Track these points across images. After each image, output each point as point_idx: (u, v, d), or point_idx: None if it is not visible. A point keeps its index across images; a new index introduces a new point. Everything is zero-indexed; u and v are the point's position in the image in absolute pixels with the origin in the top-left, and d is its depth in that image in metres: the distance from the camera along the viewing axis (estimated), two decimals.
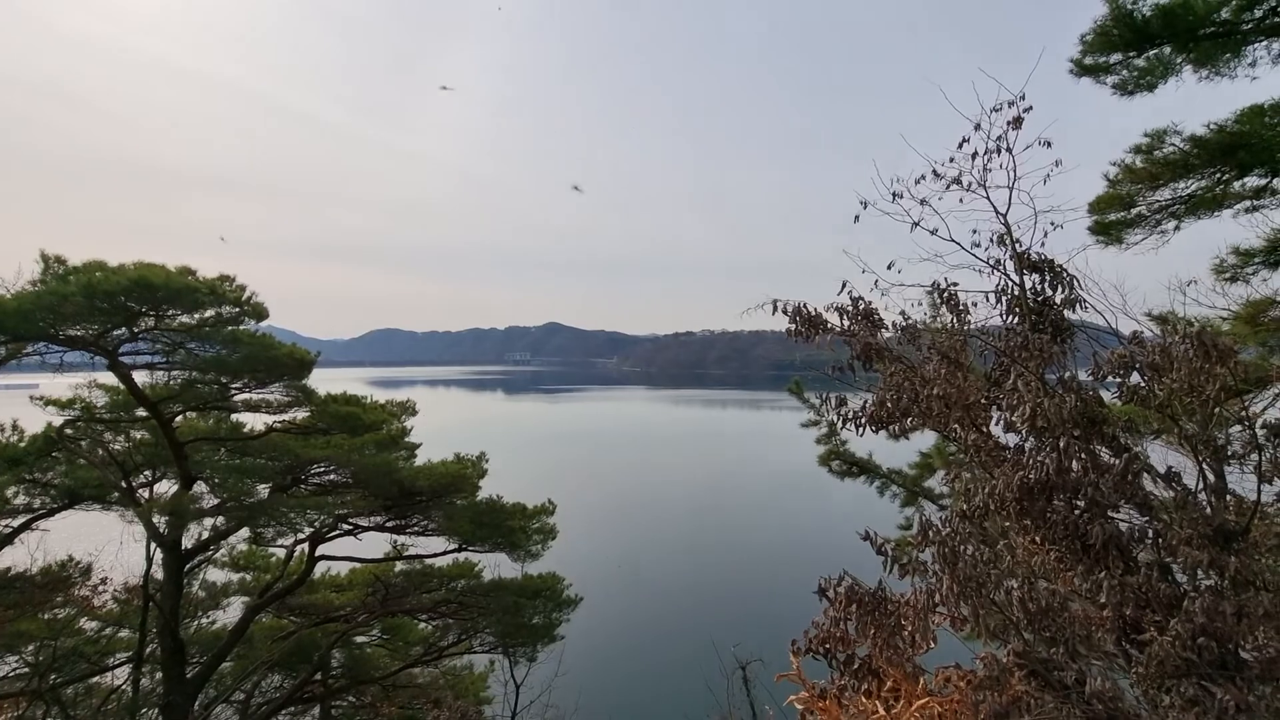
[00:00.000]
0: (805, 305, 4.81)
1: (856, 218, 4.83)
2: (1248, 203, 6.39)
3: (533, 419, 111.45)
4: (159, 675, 9.94)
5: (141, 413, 9.53)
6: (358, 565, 12.52)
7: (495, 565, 12.41)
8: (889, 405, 4.36)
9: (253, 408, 10.53)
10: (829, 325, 4.78)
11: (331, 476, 10.77)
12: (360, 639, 13.15)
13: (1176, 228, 6.71)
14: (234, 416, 10.90)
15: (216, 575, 12.64)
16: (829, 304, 4.81)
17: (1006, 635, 3.20)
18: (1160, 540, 3.68)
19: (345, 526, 11.23)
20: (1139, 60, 6.28)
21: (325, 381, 11.82)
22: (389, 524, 11.46)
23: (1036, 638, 3.88)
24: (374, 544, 12.09)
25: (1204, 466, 3.99)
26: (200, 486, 10.00)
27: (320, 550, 11.44)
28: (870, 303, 4.82)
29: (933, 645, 3.79)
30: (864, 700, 3.14)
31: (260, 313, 8.64)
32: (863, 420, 4.55)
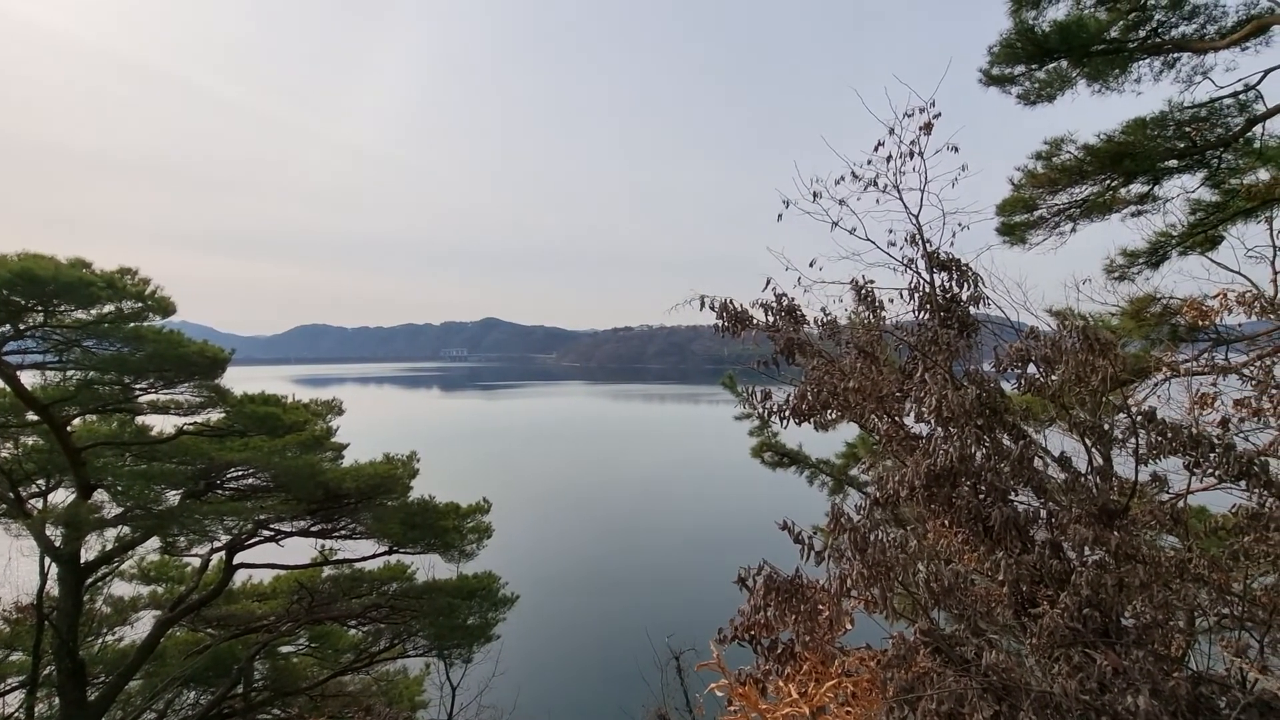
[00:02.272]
0: (732, 302, 4.92)
1: (779, 216, 4.96)
2: (1133, 208, 6.97)
3: (469, 416, 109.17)
4: (57, 701, 9.22)
5: (32, 416, 8.77)
6: (281, 572, 11.96)
7: (429, 567, 12.15)
8: (810, 398, 4.51)
9: (160, 409, 9.86)
10: (755, 321, 4.91)
11: (250, 480, 10.23)
12: (285, 649, 12.59)
13: (1073, 229, 7.25)
14: (139, 419, 10.17)
15: (123, 589, 11.82)
16: (755, 300, 4.95)
17: (914, 615, 3.37)
18: (1053, 520, 3.97)
19: (266, 532, 10.72)
20: (1040, 73, 6.72)
21: (245, 380, 11.23)
22: (314, 528, 11.01)
23: (945, 616, 4.12)
24: (298, 549, 11.59)
25: (1091, 451, 4.34)
26: (101, 495, 9.30)
27: (239, 558, 10.88)
28: (793, 299, 4.97)
29: (850, 627, 3.96)
30: (783, 685, 3.25)
31: (166, 308, 8.10)
32: (786, 413, 4.68)
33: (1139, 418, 3.78)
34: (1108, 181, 6.69)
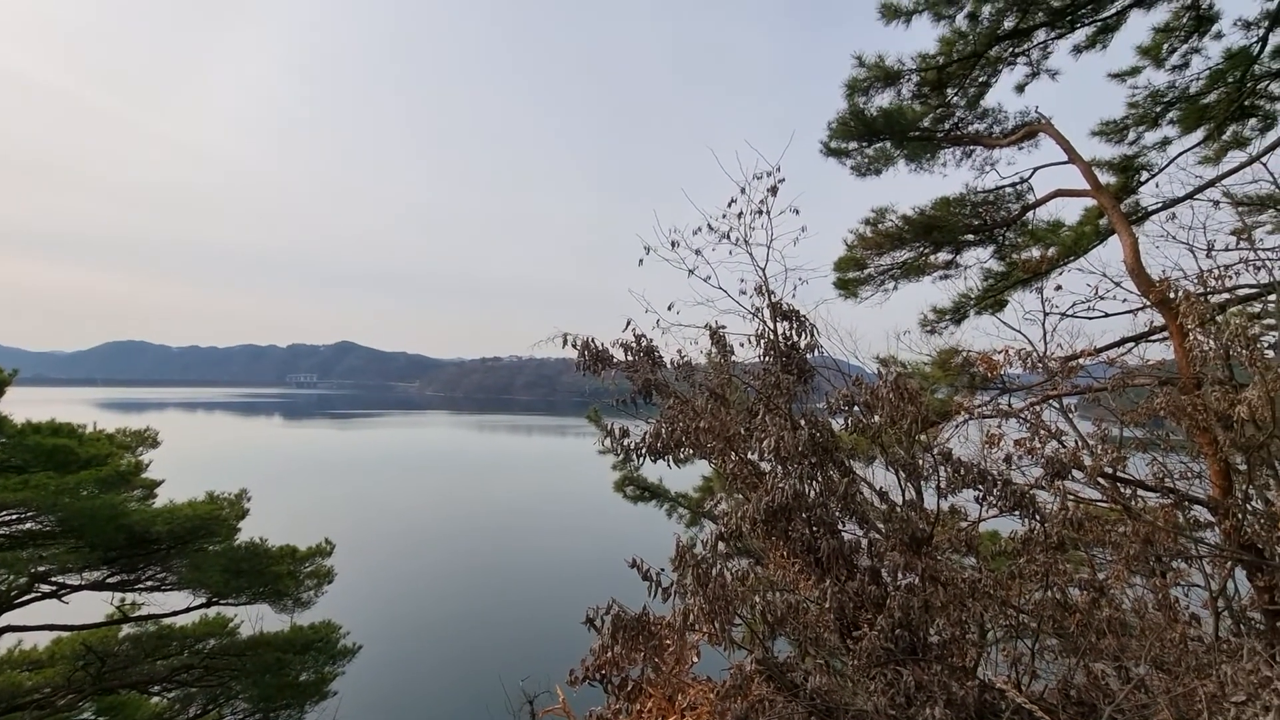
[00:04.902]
0: (593, 340, 5.03)
1: (640, 262, 5.20)
2: (941, 272, 8.15)
3: (316, 447, 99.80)
4: None
5: None
6: (64, 634, 10.12)
7: (256, 618, 10.86)
8: (664, 436, 4.69)
9: None
10: (615, 360, 5.05)
11: (28, 525, 8.64)
12: None
13: (895, 287, 8.30)
14: None
15: None
16: (616, 339, 5.10)
17: (751, 645, 3.57)
18: (873, 548, 4.41)
19: (46, 587, 9.05)
20: (869, 149, 7.68)
21: (36, 404, 9.56)
22: (111, 580, 9.48)
23: (787, 643, 4.40)
24: (89, 606, 9.90)
25: (905, 485, 4.88)
26: None
27: (5, 619, 9.07)
28: (652, 340, 5.18)
29: (696, 660, 4.10)
30: None
31: None
32: (643, 450, 4.83)
33: (939, 456, 4.33)
34: (921, 248, 7.78)
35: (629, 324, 5.08)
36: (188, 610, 10.19)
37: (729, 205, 5.25)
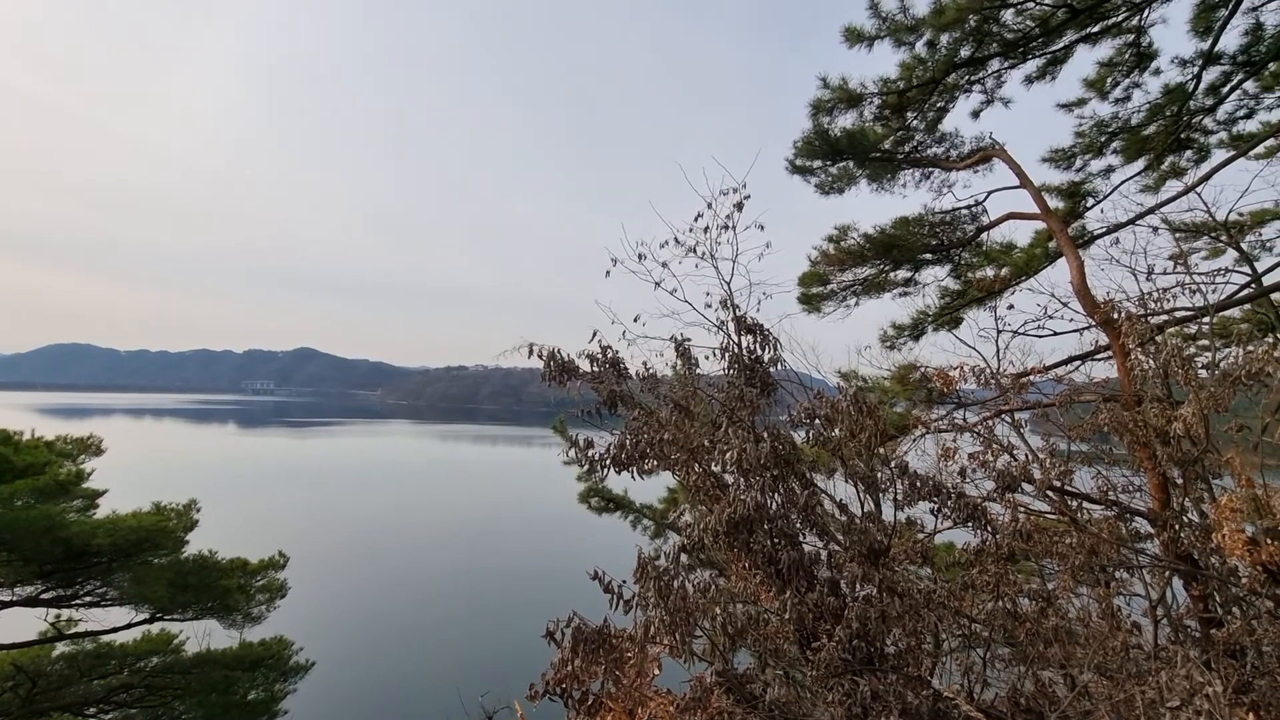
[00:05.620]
0: (559, 351, 5.03)
1: (607, 273, 5.23)
2: (901, 289, 8.40)
3: (270, 456, 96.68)
4: None
5: None
6: None
7: (203, 635, 10.44)
8: (628, 448, 4.69)
9: None
10: (580, 371, 5.05)
11: None
12: None
13: (857, 303, 8.51)
14: None
15: None
16: (582, 350, 5.11)
17: (712, 657, 3.59)
18: (833, 560, 4.48)
19: None
20: (833, 168, 7.88)
21: None
22: (46, 595, 9.01)
23: (749, 655, 4.43)
24: (19, 622, 9.39)
25: (864, 497, 4.98)
26: None
27: None
28: (617, 352, 5.19)
29: (658, 673, 4.09)
30: None
31: None
32: (607, 462, 4.83)
33: (897, 469, 4.44)
34: (882, 265, 8.00)
35: (595, 335, 5.09)
36: (129, 626, 9.75)
37: (695, 219, 5.32)
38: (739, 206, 5.27)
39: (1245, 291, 7.06)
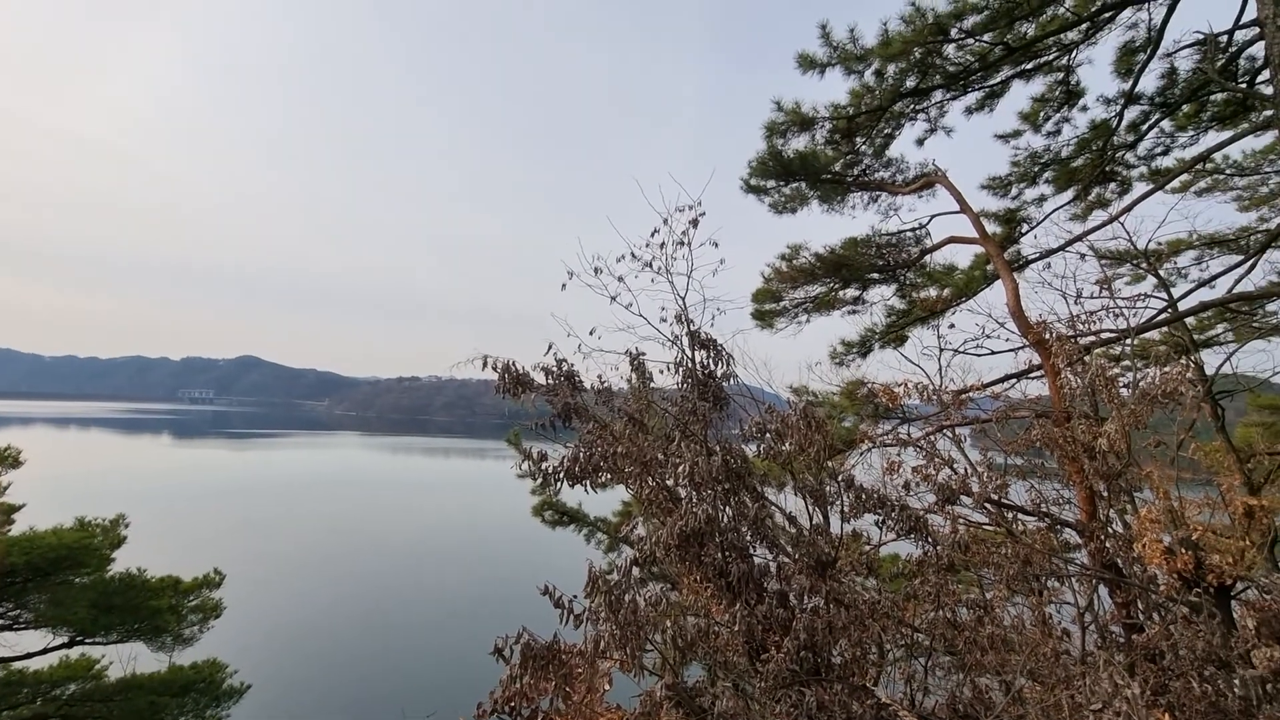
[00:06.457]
0: (513, 363, 5.00)
1: (564, 286, 5.23)
2: (849, 307, 8.68)
3: (207, 469, 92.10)
4: None
5: None
6: None
7: (129, 658, 9.85)
8: (582, 461, 4.69)
9: None
10: (535, 384, 5.02)
11: None
12: None
13: (808, 320, 8.76)
14: None
15: None
16: (537, 363, 5.09)
17: (663, 671, 3.60)
18: (781, 572, 4.56)
19: None
20: (786, 189, 8.11)
21: None
22: None
23: (700, 667, 4.45)
24: None
25: (812, 510, 5.09)
26: None
27: None
28: (573, 365, 5.19)
29: (608, 689, 4.07)
30: None
31: None
32: (560, 475, 4.81)
33: (843, 483, 4.57)
34: (832, 284, 8.26)
35: (550, 348, 5.08)
36: (45, 652, 9.12)
37: (652, 235, 5.38)
38: (694, 223, 5.36)
39: (1163, 315, 7.57)
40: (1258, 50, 7.06)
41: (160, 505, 51.03)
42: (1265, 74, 5.59)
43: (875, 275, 8.21)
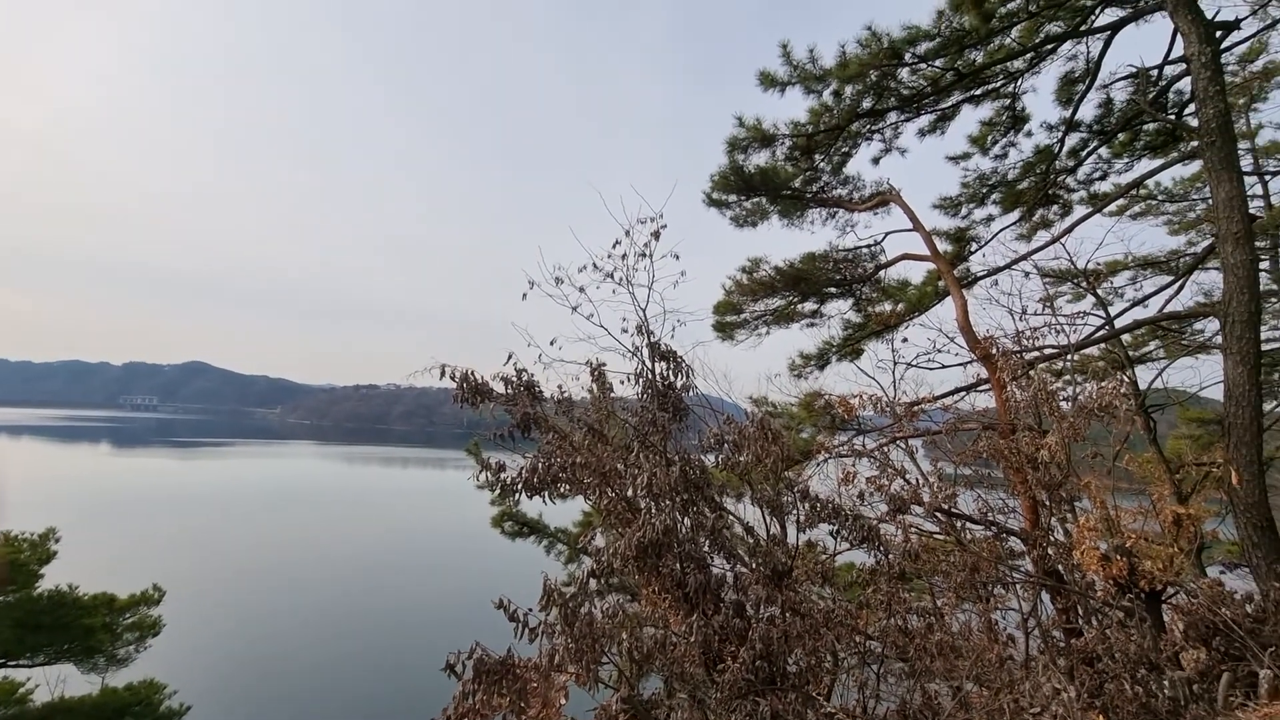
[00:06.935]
0: (472, 373, 4.94)
1: (524, 295, 5.21)
2: (808, 320, 8.88)
3: (149, 479, 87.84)
4: None
5: None
6: None
7: (57, 681, 9.31)
8: (541, 471, 4.66)
9: None
10: (494, 393, 4.98)
11: None
12: None
13: (768, 332, 8.92)
14: None
15: None
16: (496, 372, 5.05)
17: (619, 684, 3.58)
18: (738, 582, 4.60)
19: None
20: (747, 203, 8.26)
21: None
22: None
23: (658, 678, 4.44)
24: None
25: (769, 520, 5.16)
26: None
27: None
28: (533, 375, 5.16)
29: (563, 703, 4.03)
30: None
31: None
32: (519, 486, 4.76)
33: (799, 493, 4.64)
34: (791, 297, 8.44)
35: (511, 357, 5.05)
36: None
37: (614, 246, 5.39)
38: (656, 235, 5.40)
39: (1101, 332, 7.95)
40: (1186, 84, 7.53)
41: (97, 518, 48.50)
42: (1192, 106, 5.96)
43: (833, 289, 8.43)
